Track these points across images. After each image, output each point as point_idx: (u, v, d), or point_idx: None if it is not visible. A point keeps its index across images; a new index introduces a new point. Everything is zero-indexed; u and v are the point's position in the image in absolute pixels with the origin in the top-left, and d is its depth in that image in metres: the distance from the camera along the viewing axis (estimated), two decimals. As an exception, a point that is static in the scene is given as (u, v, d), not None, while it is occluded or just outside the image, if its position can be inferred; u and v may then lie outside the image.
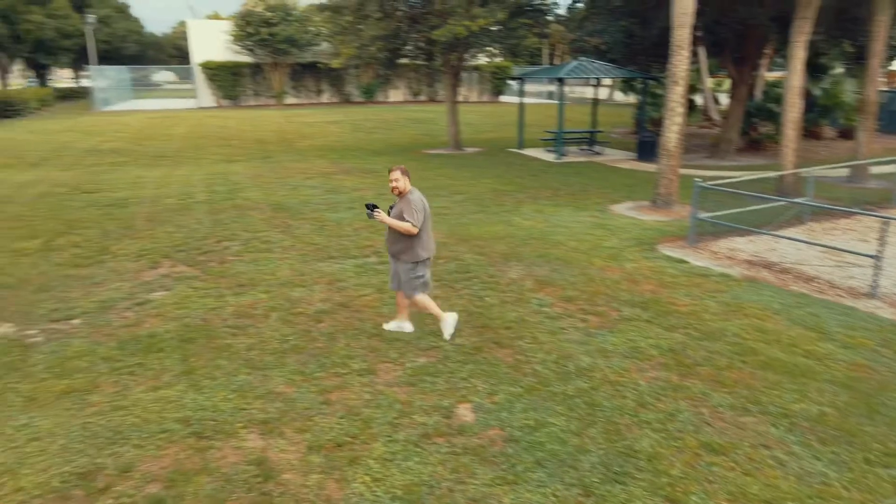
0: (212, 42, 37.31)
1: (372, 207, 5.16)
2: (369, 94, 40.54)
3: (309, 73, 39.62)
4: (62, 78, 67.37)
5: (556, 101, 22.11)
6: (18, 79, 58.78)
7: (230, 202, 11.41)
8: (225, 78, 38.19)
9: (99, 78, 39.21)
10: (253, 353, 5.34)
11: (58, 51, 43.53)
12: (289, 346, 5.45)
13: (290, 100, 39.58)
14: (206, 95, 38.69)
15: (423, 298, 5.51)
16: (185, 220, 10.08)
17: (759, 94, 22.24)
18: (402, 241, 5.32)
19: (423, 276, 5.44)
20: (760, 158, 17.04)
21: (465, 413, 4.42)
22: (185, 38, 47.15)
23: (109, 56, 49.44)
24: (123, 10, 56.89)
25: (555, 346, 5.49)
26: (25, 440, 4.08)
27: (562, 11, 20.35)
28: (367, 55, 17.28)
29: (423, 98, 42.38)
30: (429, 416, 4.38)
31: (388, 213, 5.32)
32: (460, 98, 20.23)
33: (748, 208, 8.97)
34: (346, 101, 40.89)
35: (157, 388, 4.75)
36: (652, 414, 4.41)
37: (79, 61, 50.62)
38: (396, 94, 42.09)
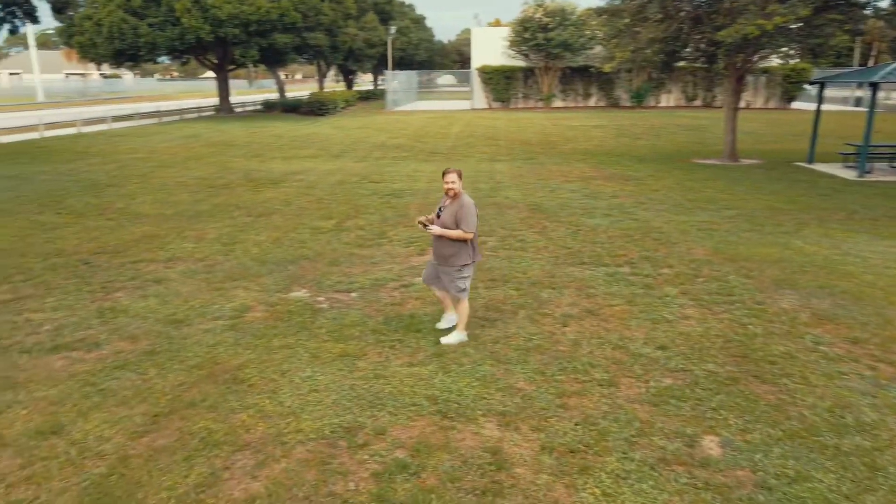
0: (490, 48, 39.63)
1: (424, 225, 5.40)
2: (639, 99, 39.29)
3: (578, 77, 39.82)
4: (363, 81, 77.51)
5: (865, 109, 18.98)
6: (330, 82, 69.12)
7: (491, 199, 12.01)
8: (498, 81, 40.28)
9: (392, 81, 44.26)
10: (498, 346, 5.57)
11: (364, 58, 50.14)
12: (532, 345, 5.57)
13: (557, 103, 40.25)
14: (479, 98, 41.25)
15: (467, 306, 5.58)
16: (451, 213, 10.87)
17: None
18: (453, 246, 5.38)
19: (469, 279, 5.52)
20: None
21: (710, 446, 4.07)
22: (467, 45, 50.76)
23: (403, 62, 55.53)
24: (419, 21, 63.34)
25: (830, 391, 4.75)
26: (308, 390, 4.82)
27: (884, 4, 17.25)
28: (642, 58, 16.75)
29: (697, 103, 39.75)
30: (669, 440, 4.12)
31: (438, 216, 5.40)
32: (742, 104, 18.48)
33: None
34: (614, 105, 40.19)
35: (412, 364, 5.23)
36: (959, 497, 3.58)
37: (378, 67, 57.72)
38: (668, 99, 40.15)
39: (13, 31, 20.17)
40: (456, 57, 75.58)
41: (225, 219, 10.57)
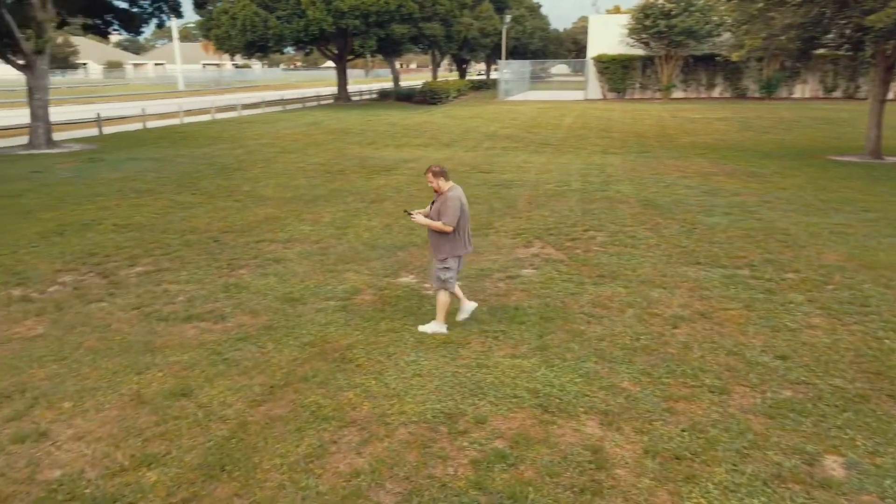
0: (608, 36, 38.45)
1: (409, 213, 5.74)
2: (769, 90, 36.68)
3: (702, 66, 37.80)
4: (476, 71, 77.68)
5: None
6: (443, 71, 69.84)
7: (602, 193, 11.71)
8: (615, 71, 39.07)
9: (504, 70, 44.08)
10: (603, 343, 5.45)
11: (478, 47, 50.29)
12: (639, 345, 5.41)
13: (677, 94, 38.46)
14: (594, 88, 40.22)
15: (444, 297, 5.62)
16: (559, 206, 10.73)
17: None
18: (437, 238, 5.58)
19: (451, 271, 5.59)
20: None
21: (833, 466, 3.78)
22: (583, 33, 49.53)
23: (516, 51, 55.11)
24: (535, 10, 62.50)
25: (981, 420, 4.26)
26: (412, 374, 4.95)
27: None
28: (776, 46, 15.62)
29: (837, 95, 36.55)
30: (786, 456, 3.87)
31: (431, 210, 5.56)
32: (890, 95, 16.76)
33: None
34: (741, 96, 37.82)
35: (515, 356, 5.23)
36: None
37: (491, 56, 57.65)
38: (803, 90, 37.24)
39: (160, 25, 22.09)
40: (571, 46, 73.93)
41: (339, 203, 11.03)
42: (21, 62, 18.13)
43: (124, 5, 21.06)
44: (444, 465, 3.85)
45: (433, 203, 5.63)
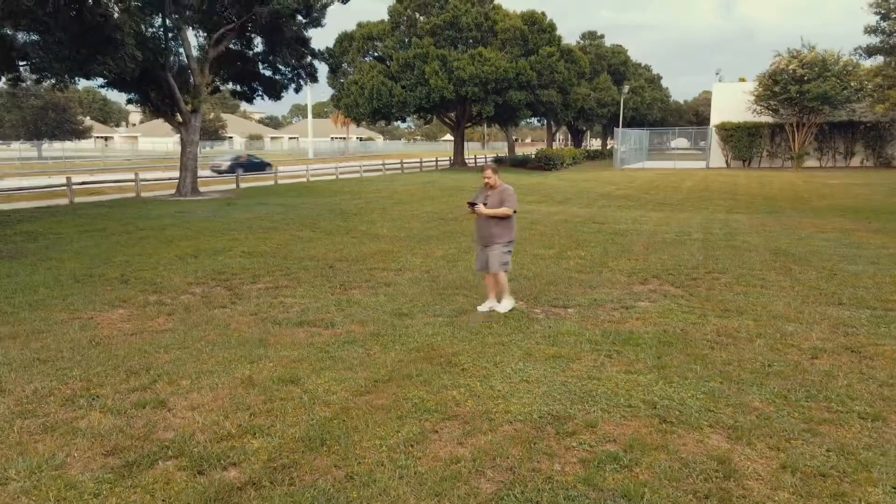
0: (732, 104, 37.37)
1: (472, 204, 6.41)
2: (917, 158, 33.70)
3: (838, 133, 35.63)
4: (589, 144, 77.69)
5: None
6: (558, 146, 70.46)
7: (726, 243, 11.04)
8: (740, 138, 37.67)
9: (621, 140, 43.77)
10: (730, 367, 4.97)
11: (594, 117, 50.52)
12: (772, 371, 4.87)
13: (809, 162, 36.31)
14: (716, 156, 38.90)
15: (505, 277, 6.49)
16: (678, 251, 10.20)
17: None
18: (498, 226, 6.35)
19: (510, 254, 6.46)
20: None
21: None
22: (705, 105, 48.47)
23: (633, 121, 54.69)
24: (655, 81, 62.19)
25: None
26: (518, 380, 4.74)
27: None
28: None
29: None
30: (963, 490, 3.24)
31: (485, 205, 6.31)
32: None
33: None
34: (885, 165, 35.07)
35: (630, 372, 4.88)
36: None
37: (608, 125, 57.60)
38: (959, 159, 33.90)
39: (297, 90, 24.05)
40: (691, 118, 72.43)
41: (451, 242, 11.14)
42: (179, 120, 20.35)
43: (268, 73, 23.25)
44: (551, 461, 3.58)
45: (486, 199, 6.37)
